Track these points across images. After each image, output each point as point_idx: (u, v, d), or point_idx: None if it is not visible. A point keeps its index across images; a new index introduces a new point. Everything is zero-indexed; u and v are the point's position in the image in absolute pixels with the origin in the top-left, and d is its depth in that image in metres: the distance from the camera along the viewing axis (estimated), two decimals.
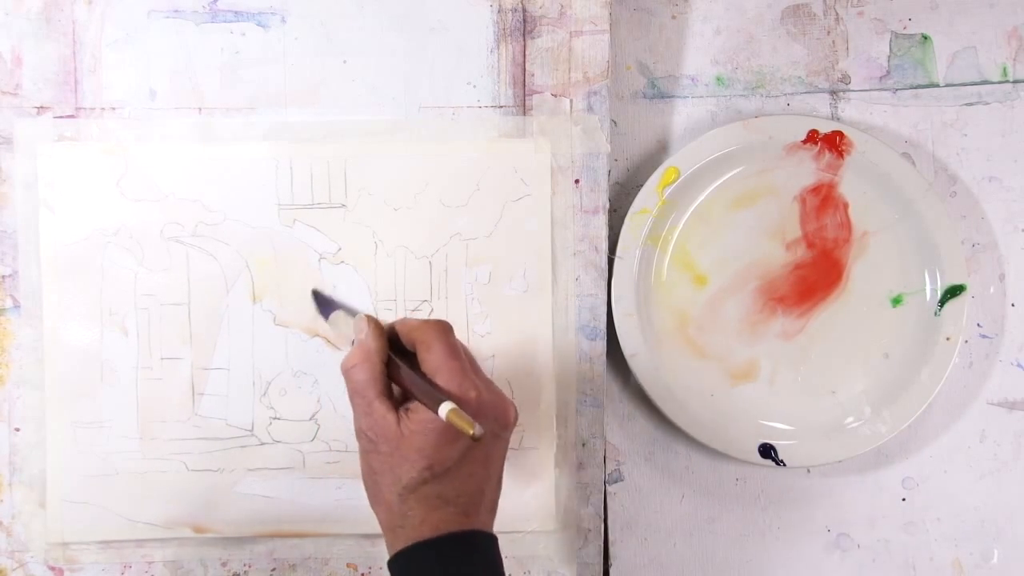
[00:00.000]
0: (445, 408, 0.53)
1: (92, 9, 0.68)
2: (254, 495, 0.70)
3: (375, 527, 0.70)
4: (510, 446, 0.70)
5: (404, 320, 0.59)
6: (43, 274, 0.68)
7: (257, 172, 0.69)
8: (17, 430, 0.69)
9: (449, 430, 0.54)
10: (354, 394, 0.57)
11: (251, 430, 0.70)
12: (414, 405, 0.55)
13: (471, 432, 0.52)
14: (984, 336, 0.74)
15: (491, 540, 0.57)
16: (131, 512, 0.69)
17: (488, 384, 0.58)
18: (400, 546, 0.56)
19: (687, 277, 0.72)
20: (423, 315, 0.70)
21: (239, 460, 0.70)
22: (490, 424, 0.56)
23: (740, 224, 0.72)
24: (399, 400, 0.57)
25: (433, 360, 0.56)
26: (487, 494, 0.58)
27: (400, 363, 0.57)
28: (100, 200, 0.69)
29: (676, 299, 0.72)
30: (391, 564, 0.57)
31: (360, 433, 0.57)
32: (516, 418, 0.59)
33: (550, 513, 0.71)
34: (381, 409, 0.56)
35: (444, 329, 0.58)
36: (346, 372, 0.57)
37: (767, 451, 0.71)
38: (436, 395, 0.54)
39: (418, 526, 0.56)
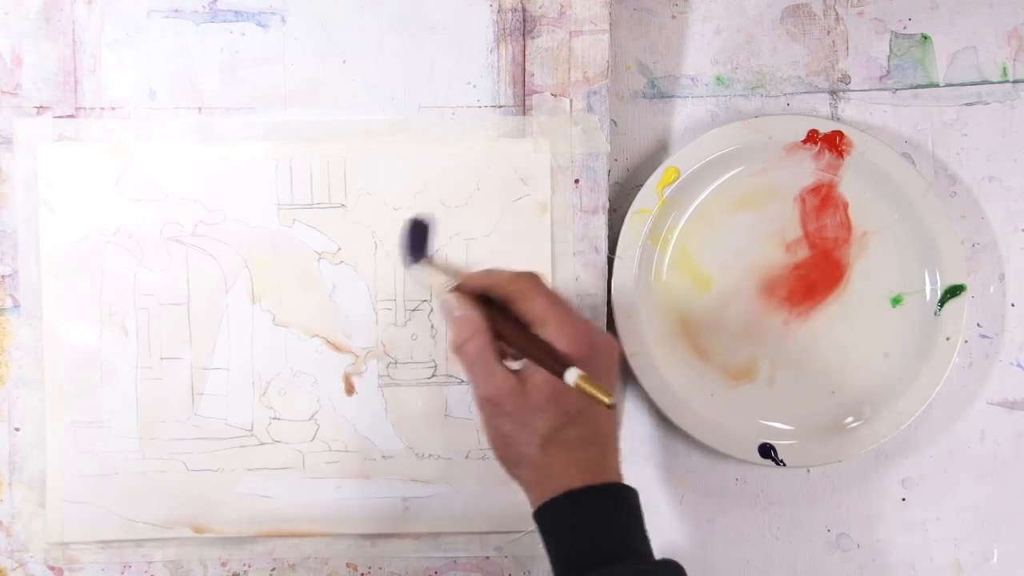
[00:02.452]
0: (572, 375, 0.54)
1: (92, 9, 0.68)
2: (254, 495, 0.70)
3: (375, 527, 0.71)
4: None
5: (489, 274, 0.60)
6: (43, 274, 0.68)
7: (257, 172, 0.69)
8: (17, 430, 0.69)
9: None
10: (472, 366, 0.58)
11: (251, 430, 0.70)
12: (527, 361, 0.57)
13: (607, 403, 0.53)
14: (984, 336, 0.74)
15: (632, 491, 0.58)
16: (131, 512, 0.69)
17: (588, 321, 0.59)
18: (550, 496, 0.56)
19: (687, 277, 0.72)
20: (423, 315, 0.70)
21: (239, 460, 0.70)
22: (606, 360, 0.58)
23: (740, 224, 0.72)
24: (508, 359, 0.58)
25: (537, 309, 0.57)
26: (615, 432, 0.60)
27: (510, 327, 0.58)
28: (100, 200, 0.69)
29: (676, 299, 0.72)
30: (538, 514, 0.57)
31: (484, 402, 0.58)
32: (621, 350, 0.61)
33: None
34: (502, 373, 0.57)
35: (537, 277, 0.59)
36: (459, 349, 0.58)
37: (767, 451, 0.71)
38: (557, 359, 0.55)
39: (565, 471, 0.56)
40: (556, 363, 0.55)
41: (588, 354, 0.56)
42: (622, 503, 0.57)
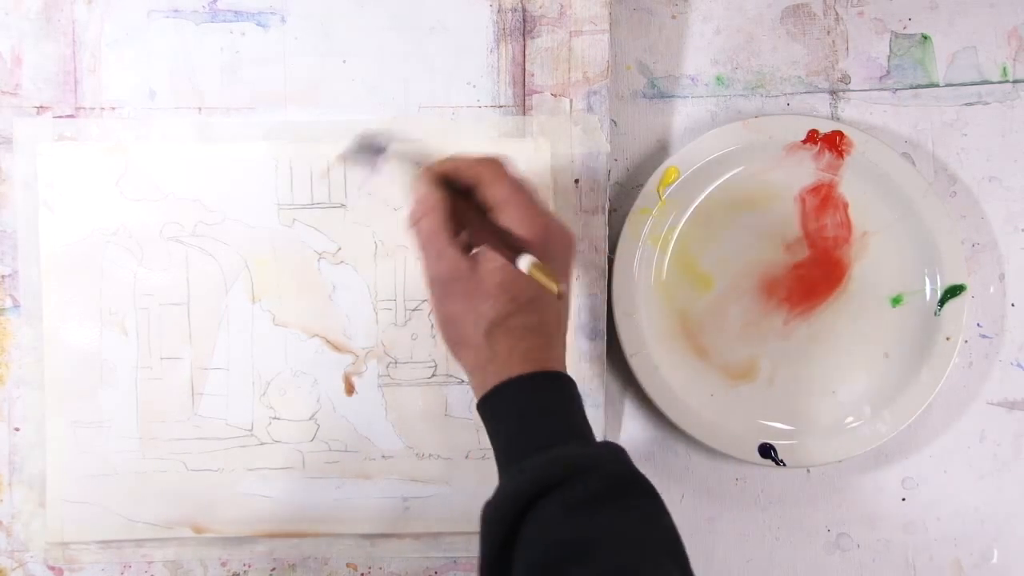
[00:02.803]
0: (525, 262, 0.54)
1: (92, 9, 0.68)
2: (254, 495, 0.70)
3: (375, 527, 0.71)
4: None
5: (454, 158, 0.59)
6: (43, 274, 0.68)
7: (257, 172, 0.69)
8: (17, 430, 0.69)
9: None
10: (425, 244, 0.57)
11: (251, 430, 0.70)
12: (485, 246, 0.57)
13: (555, 290, 0.53)
14: (984, 336, 0.74)
15: (571, 381, 0.58)
16: (131, 512, 0.69)
17: (548, 211, 0.59)
18: (491, 384, 0.56)
19: (687, 277, 0.72)
20: (423, 315, 0.70)
21: (239, 460, 0.70)
22: (563, 251, 0.58)
23: (740, 224, 0.72)
24: (465, 243, 0.58)
25: (498, 195, 0.57)
26: (564, 322, 0.59)
27: (470, 211, 0.58)
28: (100, 200, 0.69)
29: (676, 299, 0.72)
30: (482, 405, 0.57)
31: (433, 282, 0.58)
32: (576, 242, 0.61)
33: None
34: (454, 254, 0.56)
35: (501, 162, 0.58)
36: (414, 225, 0.58)
37: (767, 451, 0.71)
38: (512, 244, 0.55)
39: (507, 358, 0.56)
40: (511, 249, 0.55)
41: (545, 242, 0.56)
42: (564, 391, 0.57)
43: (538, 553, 0.51)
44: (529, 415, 0.56)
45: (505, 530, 0.52)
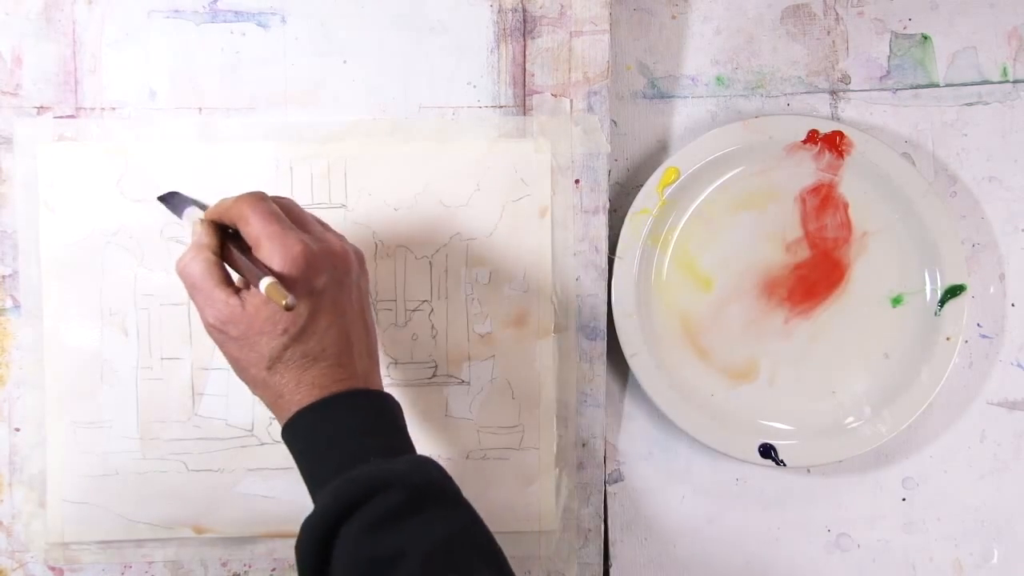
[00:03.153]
0: (264, 283, 0.54)
1: (92, 9, 0.68)
2: (254, 495, 0.70)
3: None
4: (510, 446, 0.70)
5: (219, 202, 0.59)
6: (43, 274, 0.68)
7: (257, 172, 0.69)
8: (17, 430, 0.69)
9: (292, 292, 0.54)
10: (193, 290, 0.57)
11: (251, 430, 0.70)
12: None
13: (283, 303, 0.53)
14: (984, 336, 0.74)
15: (377, 395, 0.58)
16: (131, 512, 0.69)
17: (322, 234, 0.59)
18: (286, 417, 0.56)
19: (687, 277, 0.72)
20: (423, 315, 0.70)
21: (239, 460, 0.70)
22: (329, 273, 0.56)
23: (740, 224, 0.72)
24: (243, 287, 0.57)
25: (252, 231, 0.56)
26: (355, 342, 0.58)
27: (231, 248, 0.57)
28: (100, 200, 0.69)
29: (676, 299, 0.72)
30: (284, 438, 0.57)
31: (210, 328, 0.57)
32: (359, 258, 0.59)
33: (550, 513, 0.71)
34: (222, 296, 0.56)
35: (256, 198, 0.57)
36: (180, 272, 0.57)
37: (767, 451, 0.71)
38: (256, 271, 0.55)
39: (295, 389, 0.56)
40: (256, 276, 0.55)
41: (305, 269, 0.55)
42: (364, 408, 0.57)
43: (347, 574, 0.51)
44: (325, 441, 0.55)
45: (315, 557, 0.52)
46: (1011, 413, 0.74)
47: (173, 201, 0.63)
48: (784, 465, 0.71)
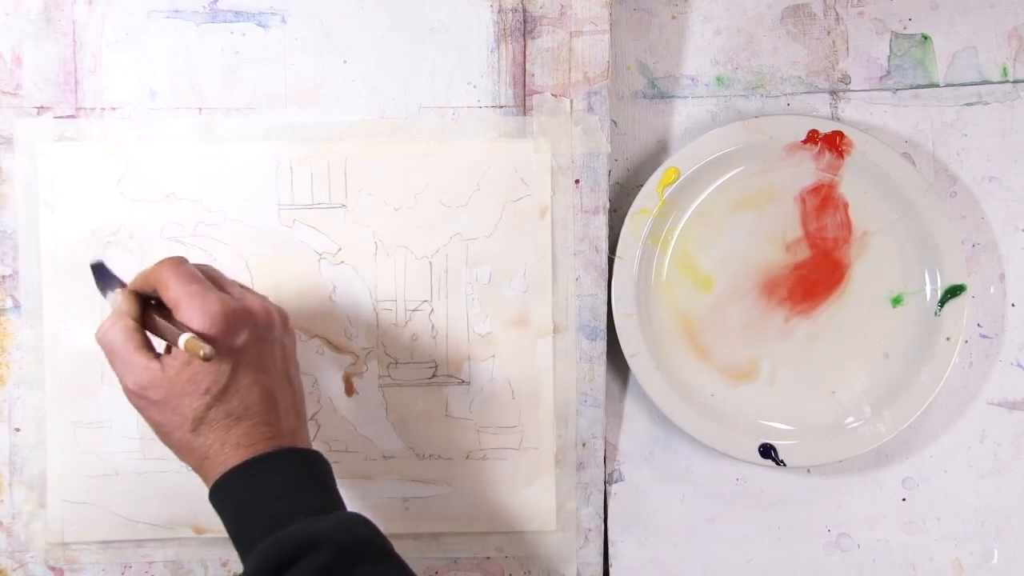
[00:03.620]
0: (182, 339, 0.54)
1: (92, 9, 0.68)
2: None
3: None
4: (510, 446, 0.71)
5: (141, 272, 0.58)
6: (43, 274, 0.68)
7: (257, 172, 0.69)
8: (17, 430, 0.69)
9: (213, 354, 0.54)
10: (112, 357, 0.56)
11: None
12: (173, 348, 0.56)
13: (201, 354, 0.53)
14: (984, 336, 0.74)
15: (305, 453, 0.57)
16: (131, 512, 0.69)
17: (243, 294, 0.58)
18: (212, 480, 0.56)
19: (687, 277, 0.72)
20: (423, 315, 0.70)
21: None
22: (249, 331, 0.56)
23: (740, 224, 0.72)
24: (165, 353, 0.57)
25: (172, 295, 0.56)
26: (280, 400, 0.58)
27: (152, 314, 0.57)
28: (100, 200, 0.69)
29: (676, 299, 0.72)
30: (211, 501, 0.56)
31: (131, 395, 0.57)
32: (282, 316, 0.59)
33: (550, 513, 0.71)
34: (141, 360, 0.55)
35: (175, 262, 0.57)
36: (100, 340, 0.57)
37: (767, 451, 0.71)
38: (176, 330, 0.55)
39: (220, 450, 0.55)
40: (174, 335, 0.54)
41: (224, 327, 0.55)
42: (292, 467, 0.56)
43: None
44: (253, 502, 0.55)
45: None
46: (1011, 413, 0.74)
47: (101, 275, 0.60)
48: (784, 465, 0.71)
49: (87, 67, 0.69)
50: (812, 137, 0.71)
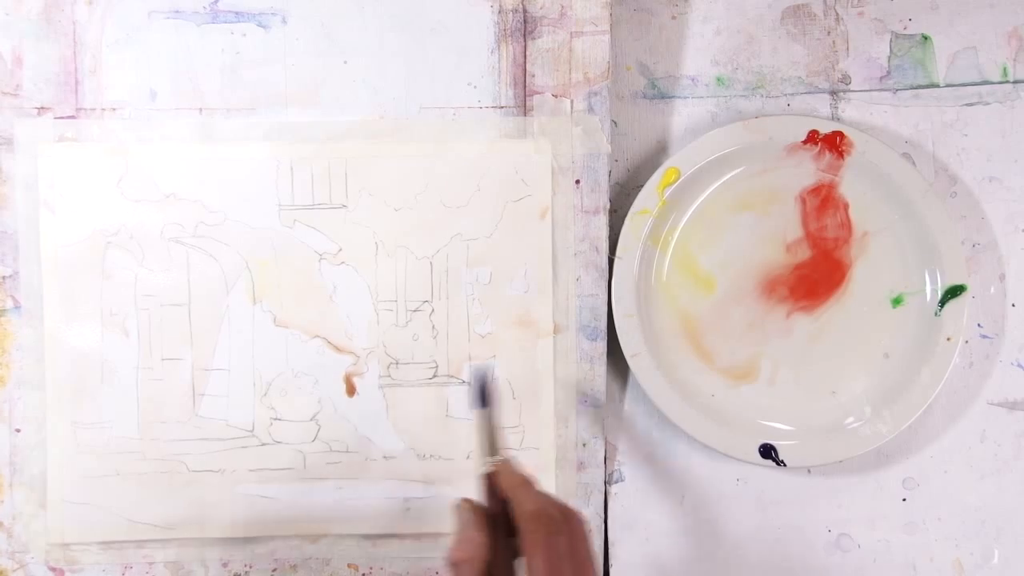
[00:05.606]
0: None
1: (92, 10, 0.68)
2: (255, 495, 0.70)
3: (376, 527, 0.71)
4: (510, 446, 0.71)
5: (517, 499, 0.56)
6: (44, 275, 0.69)
7: (257, 173, 0.69)
8: (18, 431, 0.69)
9: None
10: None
11: (252, 431, 0.70)
12: None
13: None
14: (984, 336, 0.74)
15: None
16: (132, 512, 0.69)
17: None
18: None
19: (688, 278, 0.72)
20: (424, 315, 0.70)
21: (240, 460, 0.70)
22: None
23: (741, 224, 0.72)
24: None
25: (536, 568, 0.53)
26: None
27: (500, 560, 0.56)
28: (100, 200, 0.69)
29: (676, 299, 0.72)
30: None
31: None
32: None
33: None
34: None
35: (550, 532, 0.54)
36: (452, 565, 0.55)
37: (767, 451, 0.71)
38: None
39: None
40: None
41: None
42: None
43: None
44: None
45: None
46: (1011, 413, 0.74)
47: (480, 388, 0.60)
48: (784, 465, 0.71)
49: (87, 67, 0.69)
50: (812, 137, 0.71)
